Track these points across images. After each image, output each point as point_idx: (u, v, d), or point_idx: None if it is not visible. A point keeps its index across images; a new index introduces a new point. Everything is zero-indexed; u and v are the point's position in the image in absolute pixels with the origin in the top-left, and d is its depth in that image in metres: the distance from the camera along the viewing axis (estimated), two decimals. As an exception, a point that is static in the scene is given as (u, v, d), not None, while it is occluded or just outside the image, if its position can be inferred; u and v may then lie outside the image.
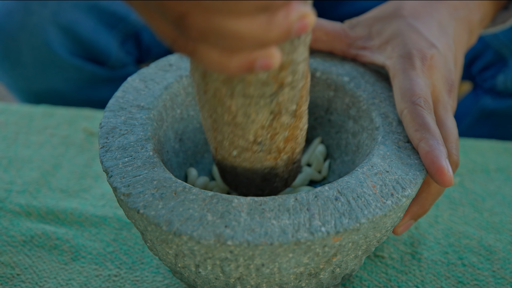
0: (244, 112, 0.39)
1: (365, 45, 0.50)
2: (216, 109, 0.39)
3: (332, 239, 0.38)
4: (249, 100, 0.38)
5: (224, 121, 0.40)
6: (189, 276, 0.43)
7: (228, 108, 0.38)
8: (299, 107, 0.41)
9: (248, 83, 0.36)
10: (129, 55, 0.82)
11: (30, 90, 0.80)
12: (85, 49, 0.78)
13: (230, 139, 0.42)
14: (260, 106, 0.38)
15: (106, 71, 0.80)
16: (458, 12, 0.52)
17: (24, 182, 0.60)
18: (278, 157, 0.44)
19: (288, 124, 0.41)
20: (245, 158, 0.43)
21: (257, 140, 0.41)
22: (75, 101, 0.79)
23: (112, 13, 0.78)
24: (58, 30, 0.75)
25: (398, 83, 0.45)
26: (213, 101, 0.39)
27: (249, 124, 0.40)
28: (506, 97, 0.78)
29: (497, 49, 0.75)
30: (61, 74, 0.78)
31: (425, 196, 0.45)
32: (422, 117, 0.43)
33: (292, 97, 0.39)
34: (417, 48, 0.47)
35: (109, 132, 0.45)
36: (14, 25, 0.74)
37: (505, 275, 0.51)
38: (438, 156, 0.41)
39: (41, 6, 0.74)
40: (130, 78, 0.50)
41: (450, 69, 0.48)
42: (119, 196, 0.41)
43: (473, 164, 0.61)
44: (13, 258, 0.52)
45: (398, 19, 0.49)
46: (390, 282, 0.50)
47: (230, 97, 0.37)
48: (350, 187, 0.41)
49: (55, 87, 0.80)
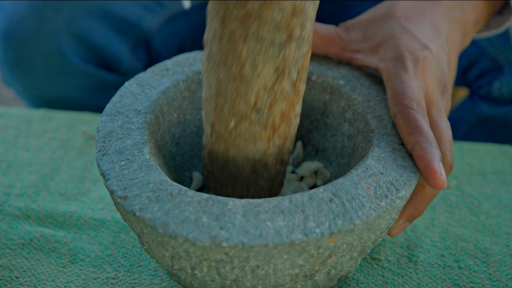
0: (252, 61, 0.41)
1: (359, 48, 0.51)
2: (226, 61, 0.42)
3: (327, 241, 0.39)
4: (260, 46, 0.40)
5: (231, 75, 0.42)
6: (186, 278, 0.43)
7: (239, 55, 0.41)
8: (299, 78, 0.43)
9: (264, 22, 0.39)
10: (140, 61, 0.82)
11: (41, 97, 0.81)
12: (98, 56, 0.78)
13: (231, 101, 0.43)
14: (269, 56, 0.41)
15: (118, 78, 0.81)
16: (452, 13, 0.52)
17: (23, 185, 0.60)
18: (271, 138, 0.44)
19: (287, 93, 0.43)
20: (241, 132, 0.44)
21: (257, 104, 0.43)
22: (86, 108, 0.79)
23: (124, 20, 0.78)
24: (71, 37, 0.75)
25: (391, 86, 0.46)
26: (226, 48, 0.41)
27: (254, 79, 0.42)
28: (502, 104, 0.78)
29: (493, 56, 0.75)
30: (73, 81, 0.79)
31: (419, 198, 0.45)
32: (415, 120, 0.43)
33: (297, 58, 0.41)
34: (409, 50, 0.47)
35: (106, 136, 0.46)
36: (27, 32, 0.74)
37: (501, 277, 0.51)
38: (431, 159, 0.42)
39: (55, 14, 0.74)
40: (127, 83, 0.50)
41: (443, 70, 0.48)
42: (116, 199, 0.41)
43: (469, 167, 0.62)
44: (12, 261, 0.53)
45: (391, 20, 0.50)
46: (386, 284, 0.51)
47: (244, 39, 0.40)
48: (344, 188, 0.41)
49: (66, 94, 0.80)
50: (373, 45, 0.50)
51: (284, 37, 0.40)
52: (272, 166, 0.47)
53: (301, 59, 0.42)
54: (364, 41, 0.50)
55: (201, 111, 0.53)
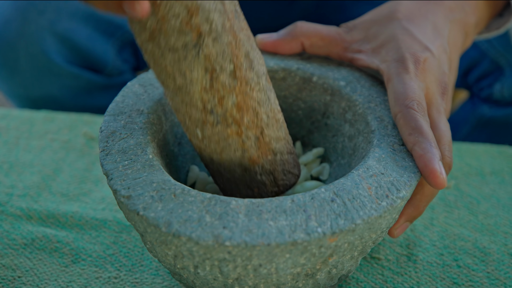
0: (179, 72, 0.41)
1: (361, 48, 0.51)
2: (163, 80, 0.43)
3: (328, 240, 0.39)
4: (177, 55, 0.41)
5: (172, 91, 0.43)
6: (188, 277, 0.43)
7: (166, 71, 0.42)
8: (237, 68, 0.42)
9: (167, 34, 0.40)
10: (126, 63, 0.83)
11: (27, 97, 0.81)
12: (82, 57, 0.79)
13: (186, 113, 0.44)
14: (190, 61, 0.41)
15: (103, 79, 0.81)
16: (453, 14, 0.52)
17: (25, 186, 0.60)
18: (241, 133, 0.44)
19: (230, 86, 0.42)
20: (209, 137, 0.44)
21: (206, 106, 0.43)
22: (73, 108, 0.80)
23: (109, 21, 0.79)
24: (55, 38, 0.76)
25: (392, 87, 0.46)
26: (157, 70, 0.42)
27: (190, 87, 0.42)
28: (503, 106, 0.78)
29: (493, 58, 0.76)
30: (58, 82, 0.79)
31: (419, 198, 0.45)
32: (415, 120, 0.44)
33: (221, 52, 0.41)
34: (410, 52, 0.47)
35: (109, 136, 0.46)
36: (12, 34, 0.75)
37: (500, 276, 0.51)
38: (431, 159, 0.42)
39: (38, 15, 0.75)
40: (130, 83, 0.51)
41: (444, 71, 0.48)
42: (119, 198, 0.41)
43: (468, 168, 0.62)
44: (14, 261, 0.53)
45: (393, 22, 0.50)
46: (386, 283, 0.51)
47: (162, 55, 0.41)
48: (346, 188, 0.41)
49: (52, 94, 0.80)
50: (375, 46, 0.50)
51: (194, 38, 0.40)
52: (261, 159, 0.46)
53: (228, 49, 0.42)
54: (366, 42, 0.51)
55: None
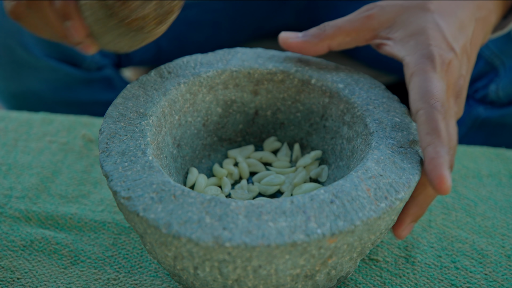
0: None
1: (389, 36, 0.50)
2: None
3: (328, 241, 0.39)
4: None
5: None
6: (188, 278, 0.43)
7: None
8: None
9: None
10: (106, 58, 0.83)
11: (7, 91, 0.81)
12: (60, 51, 0.79)
13: None
14: None
15: (82, 73, 0.81)
16: (480, 12, 0.51)
17: (23, 188, 0.60)
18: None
19: None
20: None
21: None
22: (52, 102, 0.80)
23: None
24: None
25: (418, 82, 0.45)
26: None
27: None
28: (498, 106, 0.78)
29: (488, 59, 0.76)
30: (37, 75, 0.79)
31: (422, 198, 0.45)
32: (436, 121, 0.43)
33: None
34: (439, 51, 0.47)
35: (109, 137, 0.46)
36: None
37: (497, 278, 0.52)
38: (442, 165, 0.42)
39: None
40: (130, 85, 0.51)
41: (461, 74, 0.48)
42: (119, 199, 0.42)
43: (465, 170, 0.63)
44: (13, 263, 0.53)
45: (425, 13, 0.49)
46: (384, 285, 0.51)
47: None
48: (345, 190, 0.42)
49: (31, 88, 0.80)
50: (403, 35, 0.49)
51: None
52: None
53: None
54: (394, 29, 0.50)
55: (202, 113, 0.54)
